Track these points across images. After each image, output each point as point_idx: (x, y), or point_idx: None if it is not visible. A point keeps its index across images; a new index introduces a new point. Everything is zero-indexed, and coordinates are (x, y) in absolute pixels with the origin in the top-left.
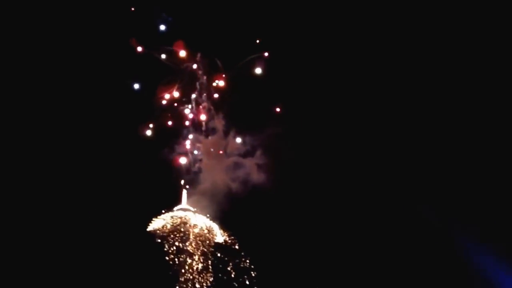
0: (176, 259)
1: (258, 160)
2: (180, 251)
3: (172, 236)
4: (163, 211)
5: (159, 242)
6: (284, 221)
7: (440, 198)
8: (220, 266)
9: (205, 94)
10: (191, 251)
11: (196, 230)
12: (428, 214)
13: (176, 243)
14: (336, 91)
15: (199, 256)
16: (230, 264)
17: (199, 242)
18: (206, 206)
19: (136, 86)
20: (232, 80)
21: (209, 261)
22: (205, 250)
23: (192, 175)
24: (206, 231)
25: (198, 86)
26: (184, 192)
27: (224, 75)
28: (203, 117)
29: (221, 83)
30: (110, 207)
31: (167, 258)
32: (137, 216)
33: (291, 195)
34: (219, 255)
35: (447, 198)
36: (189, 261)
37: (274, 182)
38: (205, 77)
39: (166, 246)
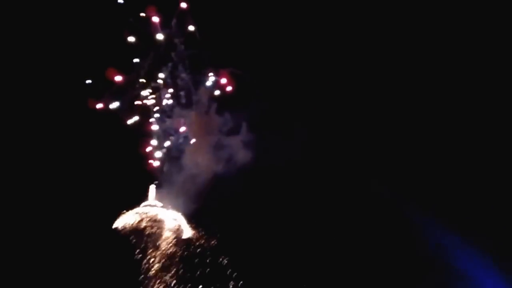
0: (142, 255)
1: (243, 138)
2: (146, 247)
3: (138, 232)
4: (128, 208)
5: (124, 238)
6: (256, 214)
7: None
8: (188, 262)
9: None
10: (157, 247)
11: (163, 226)
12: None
13: (143, 240)
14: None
15: (165, 252)
16: (197, 260)
17: (166, 238)
18: (176, 201)
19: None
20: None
21: (176, 258)
22: (172, 246)
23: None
24: (173, 227)
25: (174, 57)
26: (152, 187)
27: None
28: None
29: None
30: (74, 200)
31: (133, 254)
32: (103, 212)
33: (269, 182)
34: (186, 251)
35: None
36: (155, 257)
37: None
38: (182, 47)
39: (132, 243)
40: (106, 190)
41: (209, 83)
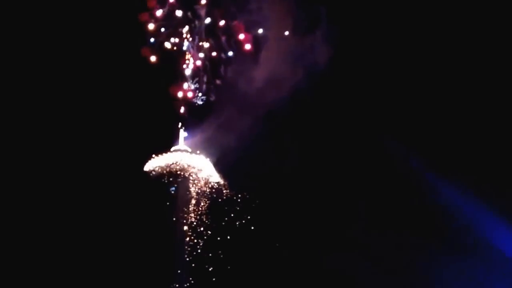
0: (171, 200)
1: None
2: (175, 191)
3: (168, 176)
4: (158, 152)
5: (154, 182)
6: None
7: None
8: (215, 208)
9: None
10: (186, 192)
11: (192, 171)
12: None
13: (172, 184)
14: None
15: (194, 197)
16: (225, 206)
17: (194, 183)
18: (206, 146)
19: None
20: None
21: (204, 203)
22: (200, 191)
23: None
24: (202, 173)
25: None
26: (182, 132)
27: None
28: None
29: None
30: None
31: (162, 198)
32: (134, 155)
33: None
34: (214, 197)
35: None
36: (182, 201)
37: None
38: None
39: (162, 186)
40: (137, 134)
41: None
